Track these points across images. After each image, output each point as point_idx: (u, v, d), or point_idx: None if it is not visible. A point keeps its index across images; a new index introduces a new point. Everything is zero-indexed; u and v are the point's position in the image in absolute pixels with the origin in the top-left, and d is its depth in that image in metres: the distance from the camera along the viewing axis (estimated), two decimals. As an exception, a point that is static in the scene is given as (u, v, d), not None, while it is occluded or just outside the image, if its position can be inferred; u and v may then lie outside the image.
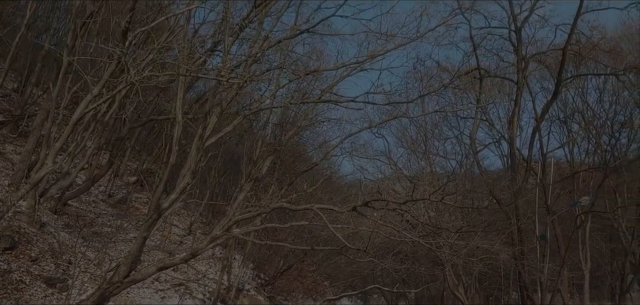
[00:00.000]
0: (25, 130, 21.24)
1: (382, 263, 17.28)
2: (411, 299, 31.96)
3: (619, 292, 23.36)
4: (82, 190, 20.27)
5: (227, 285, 21.45)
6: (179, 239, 23.33)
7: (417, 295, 30.59)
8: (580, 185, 22.13)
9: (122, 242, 19.50)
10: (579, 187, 21.79)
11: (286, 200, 14.00)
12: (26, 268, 13.88)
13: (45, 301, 13.27)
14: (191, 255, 14.22)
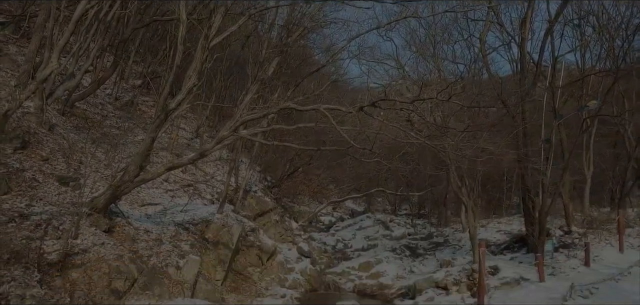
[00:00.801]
0: (28, 31, 20.93)
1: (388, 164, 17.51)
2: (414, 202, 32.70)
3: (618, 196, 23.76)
4: (88, 93, 20.28)
5: (235, 187, 21.93)
6: (187, 142, 23.60)
7: (421, 198, 31.26)
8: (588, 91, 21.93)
9: (130, 144, 19.75)
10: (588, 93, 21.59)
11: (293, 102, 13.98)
12: (38, 167, 14.16)
13: (59, 199, 13.65)
14: (199, 155, 14.44)
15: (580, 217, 20.93)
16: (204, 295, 14.34)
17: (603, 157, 25.19)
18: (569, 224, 19.08)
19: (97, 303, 11.64)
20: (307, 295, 18.73)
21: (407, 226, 29.19)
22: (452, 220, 28.63)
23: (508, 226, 23.60)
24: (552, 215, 19.62)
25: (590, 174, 22.42)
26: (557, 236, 18.28)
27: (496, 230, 23.62)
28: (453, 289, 15.80)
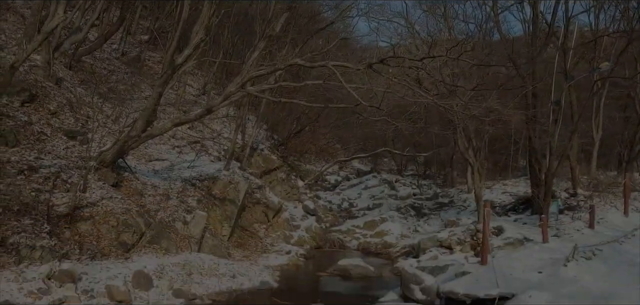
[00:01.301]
0: (33, -17, 20.67)
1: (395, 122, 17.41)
2: (420, 163, 32.73)
3: (626, 160, 23.63)
4: (94, 47, 20.18)
5: (242, 145, 21.98)
6: (194, 98, 23.57)
7: (427, 159, 31.27)
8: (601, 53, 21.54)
9: (137, 99, 19.75)
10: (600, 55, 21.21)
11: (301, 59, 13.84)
12: (46, 120, 14.23)
13: (67, 152, 13.76)
14: (206, 111, 14.43)
15: (587, 181, 20.88)
16: (210, 250, 14.56)
17: (612, 121, 24.96)
18: (575, 187, 19.06)
19: (105, 255, 11.87)
20: (312, 252, 18.97)
21: (412, 187, 29.30)
22: (458, 181, 28.69)
23: (514, 188, 23.62)
24: (558, 177, 19.57)
25: (599, 138, 22.24)
26: (562, 198, 18.28)
27: (502, 191, 23.66)
28: (457, 249, 15.92)
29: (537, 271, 10.85)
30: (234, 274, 13.38)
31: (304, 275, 15.74)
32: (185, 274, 12.45)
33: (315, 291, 13.23)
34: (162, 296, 10.98)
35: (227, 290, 12.31)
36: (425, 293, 10.78)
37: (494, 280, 10.14)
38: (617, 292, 8.64)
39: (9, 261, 9.87)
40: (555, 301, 8.77)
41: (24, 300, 8.75)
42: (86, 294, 9.86)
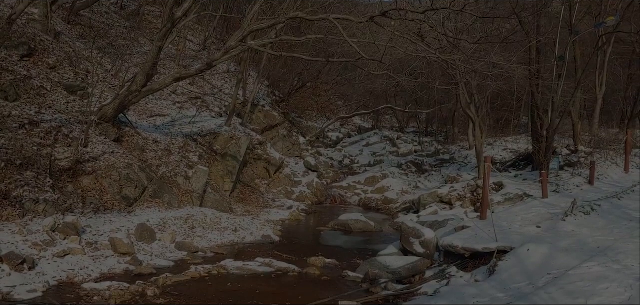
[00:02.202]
0: None
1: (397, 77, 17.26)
2: (422, 120, 32.66)
3: (628, 117, 23.52)
4: (93, 1, 19.88)
5: (243, 101, 21.91)
6: (194, 54, 23.34)
7: (429, 116, 31.17)
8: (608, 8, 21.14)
9: (137, 54, 19.58)
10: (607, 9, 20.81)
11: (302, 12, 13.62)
12: (46, 75, 14.14)
13: (67, 107, 13.73)
14: (207, 66, 14.31)
15: (588, 137, 20.84)
16: (212, 204, 14.69)
17: (616, 78, 24.69)
18: (576, 144, 19.02)
19: (109, 209, 11.99)
20: (313, 207, 19.14)
21: (414, 143, 29.30)
22: (459, 138, 28.67)
23: (515, 145, 23.62)
24: (560, 134, 19.53)
25: (602, 94, 22.06)
26: (563, 155, 18.29)
27: (503, 148, 23.66)
28: (457, 204, 16.06)
29: (536, 225, 10.95)
30: (235, 228, 13.53)
31: (305, 230, 15.92)
32: (188, 227, 12.60)
33: (316, 245, 13.40)
34: (165, 249, 11.14)
35: (229, 244, 12.48)
36: (424, 246, 10.91)
37: (493, 234, 10.25)
38: (614, 246, 8.72)
39: (13, 214, 9.98)
40: (552, 254, 8.87)
41: (29, 252, 8.88)
42: (90, 246, 10.00)
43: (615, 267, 7.73)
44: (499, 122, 29.27)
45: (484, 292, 8.35)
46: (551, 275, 8.17)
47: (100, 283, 8.57)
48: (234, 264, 10.37)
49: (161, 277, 9.13)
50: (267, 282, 9.60)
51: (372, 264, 10.46)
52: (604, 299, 6.85)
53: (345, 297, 8.67)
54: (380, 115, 36.27)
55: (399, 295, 9.07)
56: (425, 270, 10.30)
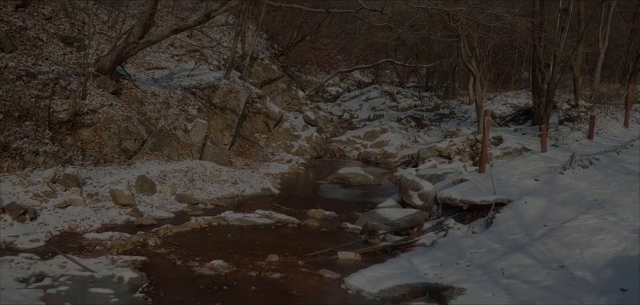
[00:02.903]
0: None
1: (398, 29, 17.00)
2: (422, 74, 32.39)
3: (630, 72, 23.35)
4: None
5: (241, 54, 21.67)
6: (192, 5, 22.95)
7: (429, 71, 30.90)
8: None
9: (133, 5, 19.24)
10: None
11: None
12: (41, 26, 13.95)
13: (64, 59, 13.59)
14: (205, 17, 14.10)
15: (589, 92, 20.74)
16: (212, 157, 14.73)
17: (619, 32, 24.37)
18: (577, 98, 18.96)
19: (108, 161, 12.02)
20: (313, 161, 19.20)
21: (414, 98, 29.14)
22: (459, 93, 28.51)
23: (515, 100, 23.52)
24: (561, 88, 19.44)
25: (604, 49, 21.81)
26: (563, 109, 18.24)
27: (503, 103, 23.58)
28: (456, 158, 16.11)
29: (534, 179, 11.00)
30: (235, 180, 13.60)
31: (304, 183, 16.02)
32: (188, 180, 12.66)
33: (315, 198, 13.50)
34: (166, 201, 11.22)
35: (229, 196, 12.57)
36: (423, 199, 11.00)
37: (491, 187, 10.31)
38: (611, 199, 8.79)
39: (13, 166, 10.01)
40: (549, 207, 8.95)
41: (30, 203, 8.95)
42: (91, 198, 10.06)
43: (612, 219, 7.81)
44: (500, 76, 29.06)
45: (481, 243, 8.47)
46: (548, 227, 8.26)
47: (102, 233, 8.66)
48: (233, 216, 10.47)
49: (162, 227, 9.23)
50: (266, 233, 9.71)
51: (370, 216, 10.56)
52: (599, 249, 6.95)
53: (344, 248, 8.78)
54: (380, 70, 35.93)
55: (397, 246, 9.19)
56: (424, 222, 10.40)
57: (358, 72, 36.90)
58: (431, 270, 7.61)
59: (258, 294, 6.58)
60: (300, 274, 7.44)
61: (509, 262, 7.25)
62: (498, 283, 6.62)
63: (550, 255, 7.12)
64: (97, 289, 6.30)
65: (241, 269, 7.43)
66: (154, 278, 6.85)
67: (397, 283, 7.08)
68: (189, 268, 7.36)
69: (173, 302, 6.03)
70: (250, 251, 8.31)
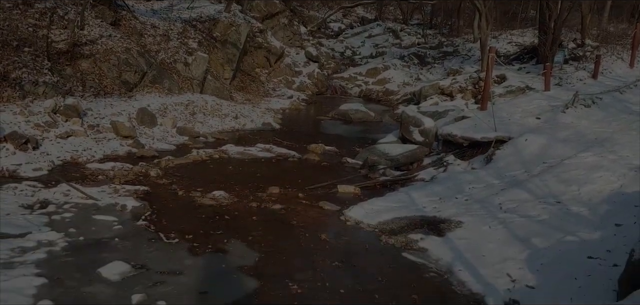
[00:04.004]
0: None
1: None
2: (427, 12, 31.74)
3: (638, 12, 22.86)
4: None
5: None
6: None
7: (434, 8, 30.27)
8: None
9: None
10: None
11: None
12: (37, -47, 13.51)
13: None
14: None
15: (596, 32, 20.36)
16: (212, 91, 14.64)
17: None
18: (584, 37, 18.61)
19: (109, 93, 11.96)
20: (314, 97, 19.11)
21: (417, 36, 28.68)
22: (464, 30, 28.03)
23: (520, 38, 23.12)
24: (567, 27, 19.07)
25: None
26: (569, 48, 17.94)
27: (508, 41, 23.20)
28: (458, 96, 15.99)
29: (536, 117, 10.97)
30: (236, 114, 13.59)
31: (305, 119, 16.00)
32: (189, 113, 12.65)
33: (316, 133, 13.51)
34: (167, 133, 11.25)
35: (230, 130, 12.59)
36: (423, 135, 11.01)
37: (492, 124, 10.30)
38: (612, 137, 8.79)
39: (13, 95, 9.97)
40: (549, 144, 8.96)
41: (32, 132, 8.97)
42: (92, 129, 10.08)
43: (611, 157, 7.84)
44: (506, 14, 28.49)
45: (480, 178, 8.54)
46: (547, 164, 8.31)
47: (104, 163, 8.73)
48: (234, 149, 10.52)
49: (163, 159, 9.29)
50: (267, 166, 9.78)
51: (371, 151, 10.60)
52: (597, 186, 7.02)
53: (344, 182, 8.86)
54: (384, 6, 35.21)
55: (396, 181, 9.28)
56: (424, 158, 10.45)
57: (361, 9, 36.19)
58: (430, 204, 7.71)
59: (259, 223, 6.69)
60: (300, 206, 7.55)
61: (506, 197, 7.34)
62: (495, 217, 6.73)
63: (548, 191, 7.20)
64: (100, 216, 6.40)
65: (242, 200, 7.53)
66: (156, 207, 6.95)
67: (395, 216, 7.20)
68: (190, 198, 7.45)
69: (175, 230, 6.14)
70: (251, 183, 8.40)
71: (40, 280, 4.58)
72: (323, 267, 5.50)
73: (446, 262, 5.77)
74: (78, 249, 5.42)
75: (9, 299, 4.17)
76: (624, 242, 5.28)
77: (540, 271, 5.22)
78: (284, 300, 4.70)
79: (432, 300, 4.88)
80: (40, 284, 4.52)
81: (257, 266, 5.39)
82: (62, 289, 4.51)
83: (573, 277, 4.95)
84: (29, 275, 4.66)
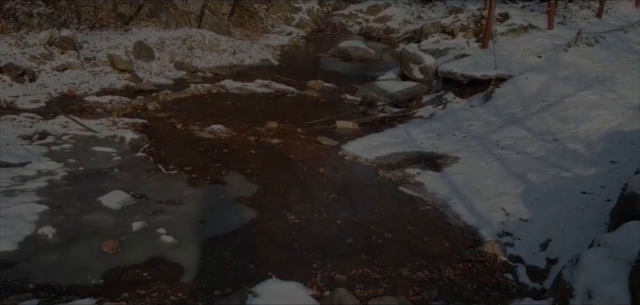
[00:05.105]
0: None
1: None
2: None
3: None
4: None
5: None
6: None
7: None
8: None
9: None
10: None
11: None
12: None
13: None
14: None
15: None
16: (210, 26, 14.40)
17: None
18: (590, -25, 18.16)
19: (104, 26, 11.76)
20: (313, 34, 18.85)
21: (420, -28, 27.95)
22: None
23: (526, -24, 22.55)
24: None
25: None
26: (574, -14, 17.54)
27: (513, -21, 22.64)
28: (459, 34, 15.75)
29: (537, 55, 10.87)
30: (234, 50, 13.43)
31: (304, 56, 15.84)
32: (186, 48, 12.49)
33: (315, 70, 13.41)
34: (164, 67, 11.14)
35: (228, 66, 12.47)
36: (423, 73, 10.92)
37: (493, 62, 10.21)
38: (613, 76, 8.73)
39: (7, 27, 9.80)
40: (550, 82, 8.91)
41: (28, 64, 8.88)
42: (89, 62, 9.97)
43: (610, 96, 7.82)
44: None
45: (478, 116, 8.54)
46: (546, 102, 8.29)
47: (102, 96, 8.69)
48: (233, 84, 10.46)
49: (161, 93, 9.25)
50: (265, 101, 9.76)
51: (370, 88, 10.55)
52: (595, 124, 7.02)
53: (343, 117, 8.86)
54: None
55: (395, 117, 9.28)
56: (423, 95, 10.42)
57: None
58: (427, 141, 7.74)
59: (257, 157, 6.73)
60: (298, 140, 7.57)
61: (504, 134, 7.36)
62: (492, 153, 6.77)
63: (546, 128, 7.22)
64: (99, 147, 6.42)
65: (240, 134, 7.55)
66: (155, 140, 6.97)
67: (393, 151, 7.24)
68: (189, 131, 7.47)
69: (174, 161, 6.18)
70: (250, 118, 8.39)
71: (41, 207, 4.65)
72: (320, 199, 5.58)
73: (442, 196, 5.84)
74: (78, 178, 5.47)
75: (12, 224, 4.24)
76: (618, 178, 5.34)
77: (534, 205, 5.30)
78: (282, 230, 4.79)
79: (427, 231, 4.98)
80: (41, 210, 4.59)
81: (255, 197, 5.46)
82: (63, 216, 4.58)
83: (566, 211, 5.03)
84: (30, 202, 4.72)
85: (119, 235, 4.34)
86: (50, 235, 4.21)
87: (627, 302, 2.94)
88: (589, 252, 3.47)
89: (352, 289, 3.79)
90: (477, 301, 3.78)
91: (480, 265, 4.31)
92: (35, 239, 4.13)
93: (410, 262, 4.34)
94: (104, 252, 4.08)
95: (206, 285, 3.79)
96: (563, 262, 3.86)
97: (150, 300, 3.51)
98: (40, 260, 3.86)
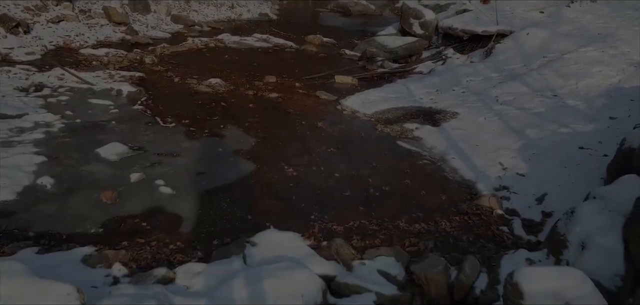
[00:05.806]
0: None
1: None
2: None
3: None
4: None
5: None
6: None
7: None
8: None
9: None
10: None
11: None
12: None
13: None
14: None
15: None
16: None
17: None
18: None
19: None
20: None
21: None
22: None
23: None
24: None
25: None
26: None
27: None
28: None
29: (539, 11, 10.71)
30: (232, 4, 13.21)
31: (303, 10, 15.61)
32: (183, 1, 12.28)
33: (314, 25, 13.24)
34: (161, 21, 10.99)
35: (226, 20, 12.31)
36: (423, 28, 10.79)
37: (494, 18, 10.07)
38: (615, 33, 8.61)
39: (0, -23, 9.59)
40: (551, 38, 8.81)
41: (22, 15, 8.74)
42: (84, 14, 9.82)
43: (611, 52, 7.74)
44: None
45: (478, 71, 8.48)
46: (547, 58, 8.21)
47: (98, 49, 8.60)
48: (231, 38, 10.34)
49: (158, 47, 9.15)
50: (264, 55, 9.66)
51: (369, 43, 10.43)
52: (595, 80, 6.97)
53: (342, 72, 8.80)
54: None
55: (394, 73, 9.21)
56: (423, 50, 10.32)
57: None
58: (426, 96, 7.71)
59: (255, 111, 6.70)
60: (296, 95, 7.53)
61: (504, 89, 7.33)
62: (491, 109, 6.75)
63: (546, 84, 7.17)
64: (96, 100, 6.39)
65: (238, 88, 7.50)
66: (152, 93, 6.93)
67: (392, 106, 7.21)
68: (186, 85, 7.41)
69: (171, 114, 6.16)
70: (248, 72, 8.33)
71: (39, 158, 4.65)
72: (319, 152, 5.58)
73: (440, 151, 5.85)
74: (75, 130, 5.45)
75: (10, 174, 4.25)
76: (617, 134, 5.33)
77: (531, 160, 5.32)
78: (280, 182, 4.81)
79: (424, 185, 5.00)
80: (39, 161, 4.59)
81: (253, 150, 5.46)
82: (61, 167, 4.59)
83: (563, 165, 5.05)
84: (28, 153, 4.72)
85: (117, 186, 4.35)
86: (49, 186, 4.22)
87: (620, 253, 2.97)
88: (584, 204, 3.49)
89: (349, 240, 3.83)
90: (472, 252, 3.82)
91: (477, 218, 4.35)
92: (33, 189, 4.15)
93: (407, 214, 4.37)
94: (103, 202, 4.10)
95: (205, 235, 3.83)
96: (558, 215, 3.89)
97: (150, 249, 3.55)
98: (39, 209, 3.88)
